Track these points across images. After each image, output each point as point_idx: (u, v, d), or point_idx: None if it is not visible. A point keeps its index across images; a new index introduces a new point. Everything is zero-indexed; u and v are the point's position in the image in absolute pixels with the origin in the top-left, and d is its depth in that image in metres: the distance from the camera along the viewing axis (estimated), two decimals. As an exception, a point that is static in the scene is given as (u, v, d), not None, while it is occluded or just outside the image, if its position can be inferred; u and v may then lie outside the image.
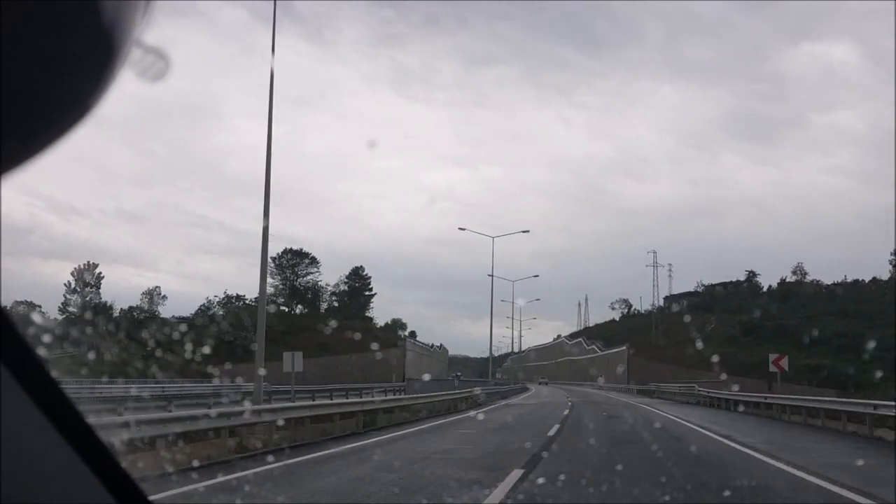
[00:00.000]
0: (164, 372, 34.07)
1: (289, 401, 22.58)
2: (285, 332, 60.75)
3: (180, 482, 8.60)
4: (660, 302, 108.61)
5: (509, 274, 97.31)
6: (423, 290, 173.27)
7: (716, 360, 56.76)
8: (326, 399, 26.34)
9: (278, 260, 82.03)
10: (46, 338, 1.74)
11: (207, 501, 8.20)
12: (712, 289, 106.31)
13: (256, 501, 8.60)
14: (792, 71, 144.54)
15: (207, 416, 13.44)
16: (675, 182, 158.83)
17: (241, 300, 74.32)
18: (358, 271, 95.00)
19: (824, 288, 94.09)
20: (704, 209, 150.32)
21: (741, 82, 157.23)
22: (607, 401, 42.14)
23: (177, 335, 40.15)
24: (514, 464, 11.28)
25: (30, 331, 1.28)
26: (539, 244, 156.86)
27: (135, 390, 28.01)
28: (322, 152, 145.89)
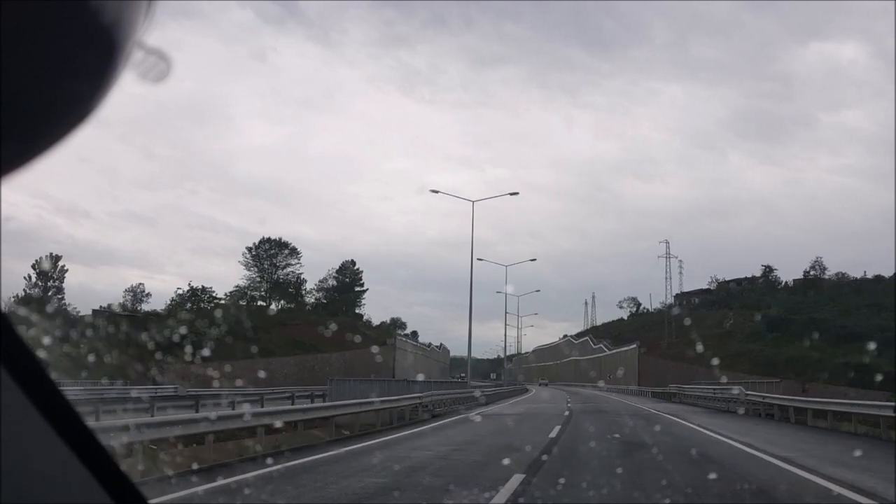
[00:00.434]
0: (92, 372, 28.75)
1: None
2: (257, 328, 55.53)
3: None
4: (671, 298, 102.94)
5: (515, 279, 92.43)
6: (430, 291, 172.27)
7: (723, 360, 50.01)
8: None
9: (255, 250, 75.86)
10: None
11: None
12: (726, 285, 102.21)
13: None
14: (800, 70, 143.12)
15: None
16: (683, 182, 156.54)
17: (206, 293, 68.02)
18: (348, 265, 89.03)
19: (850, 282, 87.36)
20: (712, 209, 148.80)
21: (749, 82, 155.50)
22: (617, 409, 33.67)
23: (107, 332, 34.40)
24: None
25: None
26: (546, 245, 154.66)
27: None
28: (328, 154, 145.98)
